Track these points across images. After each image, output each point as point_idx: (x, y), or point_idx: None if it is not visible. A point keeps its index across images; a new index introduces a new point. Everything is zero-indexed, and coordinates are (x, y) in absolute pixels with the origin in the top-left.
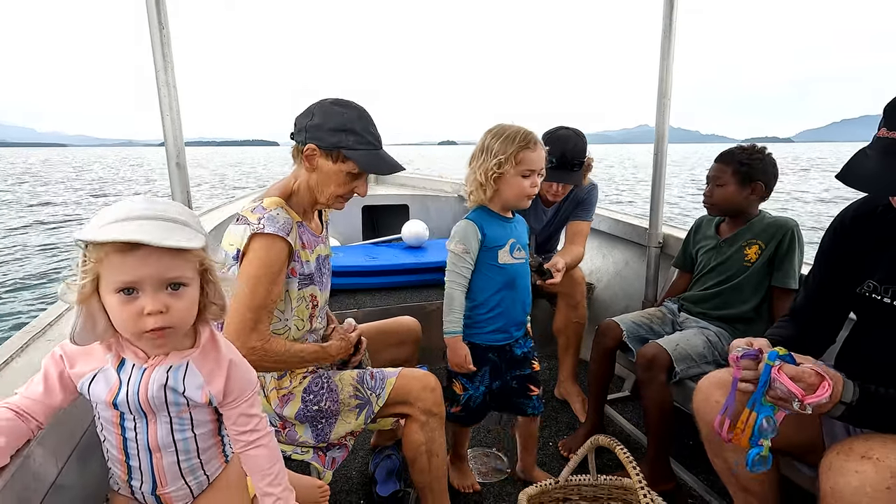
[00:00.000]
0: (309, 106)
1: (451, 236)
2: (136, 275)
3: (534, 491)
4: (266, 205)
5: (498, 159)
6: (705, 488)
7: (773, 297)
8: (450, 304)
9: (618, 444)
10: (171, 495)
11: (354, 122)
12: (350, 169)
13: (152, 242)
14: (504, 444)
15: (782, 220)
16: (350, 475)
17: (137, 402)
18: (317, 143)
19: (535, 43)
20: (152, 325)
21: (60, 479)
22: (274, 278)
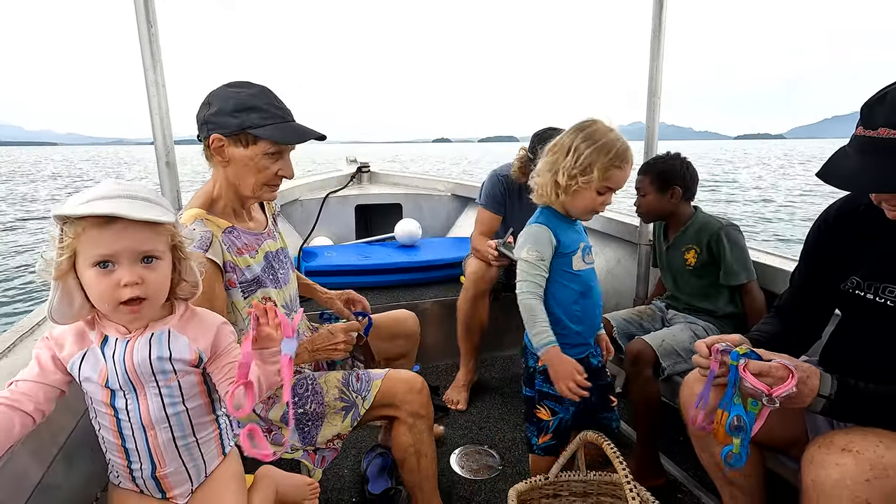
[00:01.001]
0: (205, 97)
1: (521, 243)
2: (113, 248)
3: (523, 487)
4: (182, 221)
5: (583, 166)
6: (695, 483)
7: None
8: (531, 315)
9: (605, 439)
10: (170, 480)
11: (255, 99)
12: (264, 149)
13: (129, 215)
14: None
15: (709, 223)
16: (342, 473)
17: (125, 373)
18: (220, 131)
19: (529, 39)
20: (129, 296)
21: (46, 479)
22: (207, 298)
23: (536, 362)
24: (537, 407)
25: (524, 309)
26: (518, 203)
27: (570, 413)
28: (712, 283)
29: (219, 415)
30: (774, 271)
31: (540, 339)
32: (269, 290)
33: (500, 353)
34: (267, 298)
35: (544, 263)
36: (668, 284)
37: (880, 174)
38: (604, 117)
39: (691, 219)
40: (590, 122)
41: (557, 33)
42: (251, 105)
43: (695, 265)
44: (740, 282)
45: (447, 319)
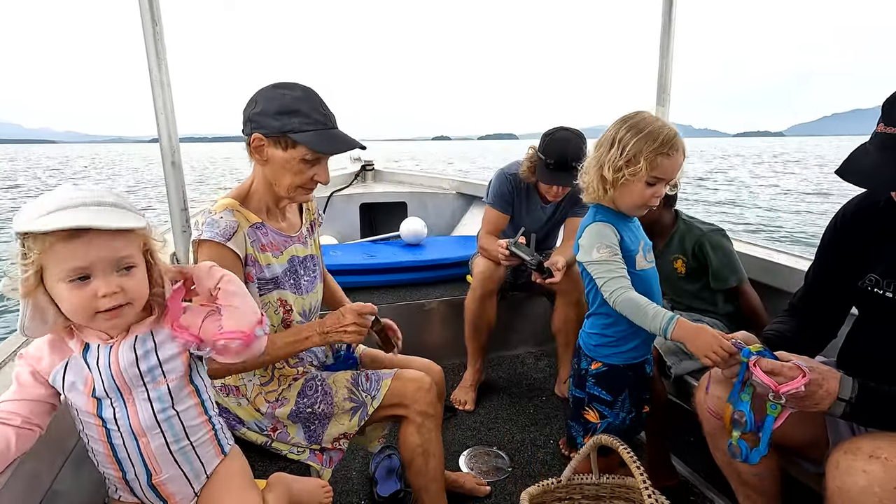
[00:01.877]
0: (252, 95)
1: (586, 246)
2: (87, 259)
3: (536, 490)
4: (213, 209)
5: (628, 157)
6: (707, 484)
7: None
8: (635, 308)
9: (620, 443)
10: (168, 487)
11: (299, 102)
12: (302, 154)
13: (102, 226)
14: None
15: (692, 231)
16: (350, 475)
17: (112, 379)
18: (262, 131)
19: (531, 35)
20: (108, 306)
21: (56, 486)
22: None
23: (589, 364)
24: (586, 408)
25: (623, 305)
26: (526, 202)
27: (621, 420)
28: (705, 286)
29: (211, 415)
30: (787, 270)
31: (658, 321)
32: (287, 294)
33: (507, 353)
34: (283, 301)
35: (619, 257)
36: (663, 289)
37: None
38: (662, 112)
39: (674, 226)
40: (634, 113)
41: (559, 30)
42: (294, 109)
43: (685, 273)
44: (730, 285)
45: (454, 319)
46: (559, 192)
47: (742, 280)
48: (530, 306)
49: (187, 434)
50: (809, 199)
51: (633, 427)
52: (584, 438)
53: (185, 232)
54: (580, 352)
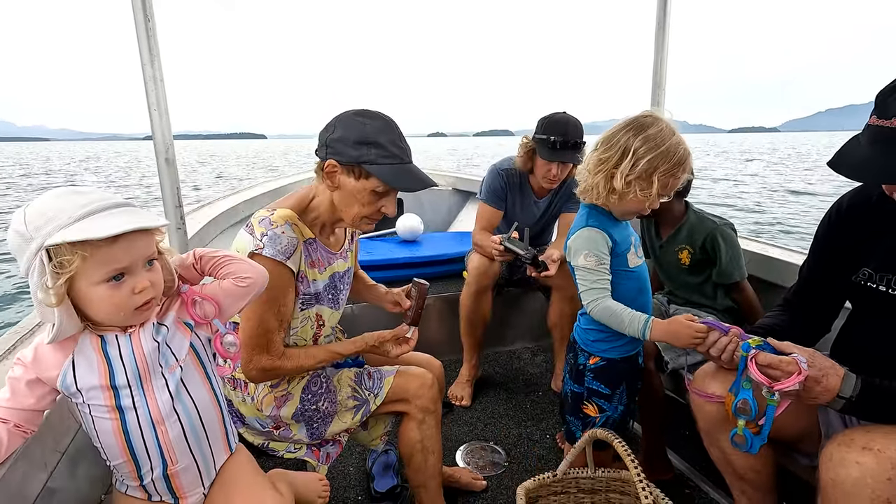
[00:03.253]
0: (331, 119)
1: (574, 250)
2: (128, 260)
3: (532, 484)
4: (274, 218)
5: (640, 173)
6: (702, 478)
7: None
8: (612, 315)
9: (615, 436)
10: (181, 479)
11: (378, 134)
12: (374, 186)
13: (149, 225)
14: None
15: (704, 223)
16: (347, 471)
17: (135, 366)
18: (337, 158)
19: (527, 32)
20: (144, 299)
21: (50, 484)
22: (276, 304)
23: (587, 359)
24: (585, 403)
25: (601, 314)
26: (520, 197)
27: (619, 412)
28: (706, 280)
29: (222, 404)
30: (781, 264)
31: (635, 325)
32: (324, 309)
33: (503, 349)
34: (319, 316)
35: (604, 267)
36: (662, 279)
37: (892, 164)
38: (663, 112)
39: (684, 217)
40: (650, 121)
41: (554, 26)
42: (373, 140)
43: (689, 264)
44: (733, 281)
45: (450, 315)
46: (558, 175)
47: (744, 276)
48: (526, 302)
49: (203, 422)
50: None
51: (627, 419)
52: (583, 433)
53: (180, 229)
54: (575, 347)
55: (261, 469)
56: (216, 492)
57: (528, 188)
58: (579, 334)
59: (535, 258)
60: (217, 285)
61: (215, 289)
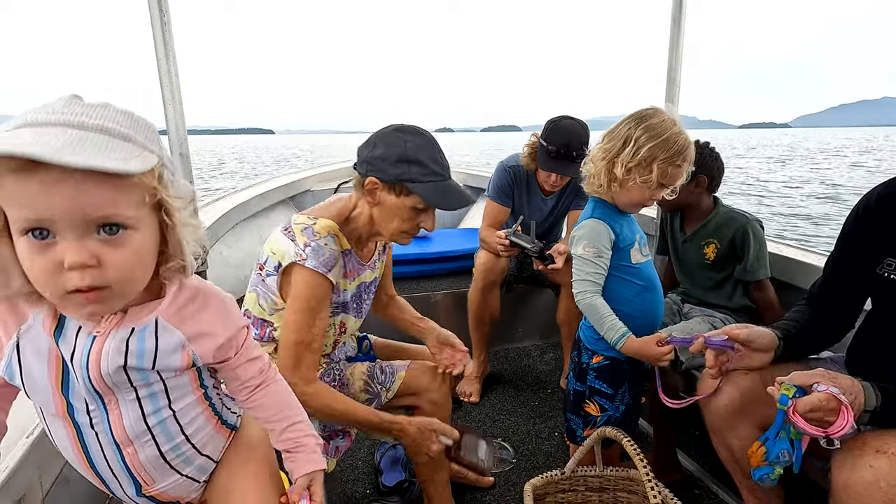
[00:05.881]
0: (371, 135)
1: (577, 238)
2: (44, 209)
3: (539, 481)
4: (317, 228)
5: (640, 161)
6: (711, 478)
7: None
8: (596, 313)
9: (624, 435)
10: (170, 493)
11: (419, 151)
12: (415, 203)
13: (44, 157)
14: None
15: (735, 217)
16: (356, 465)
17: (88, 382)
18: (378, 175)
19: (534, 27)
20: (76, 284)
21: (65, 473)
22: (313, 315)
23: (590, 358)
24: (586, 402)
25: (586, 308)
26: (527, 194)
27: (620, 412)
28: (727, 277)
29: (213, 402)
30: (800, 266)
31: (612, 334)
32: (349, 318)
33: (512, 346)
34: (343, 324)
35: (602, 260)
36: (680, 277)
37: None
38: (664, 107)
39: (713, 212)
40: (651, 112)
41: (563, 21)
42: (415, 158)
43: (713, 260)
44: (758, 278)
45: (459, 311)
46: (557, 182)
47: (768, 274)
48: (536, 299)
49: (187, 437)
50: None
51: (630, 418)
52: (584, 431)
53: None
54: (580, 345)
55: (270, 448)
56: (218, 477)
57: (535, 185)
58: (584, 332)
59: (541, 251)
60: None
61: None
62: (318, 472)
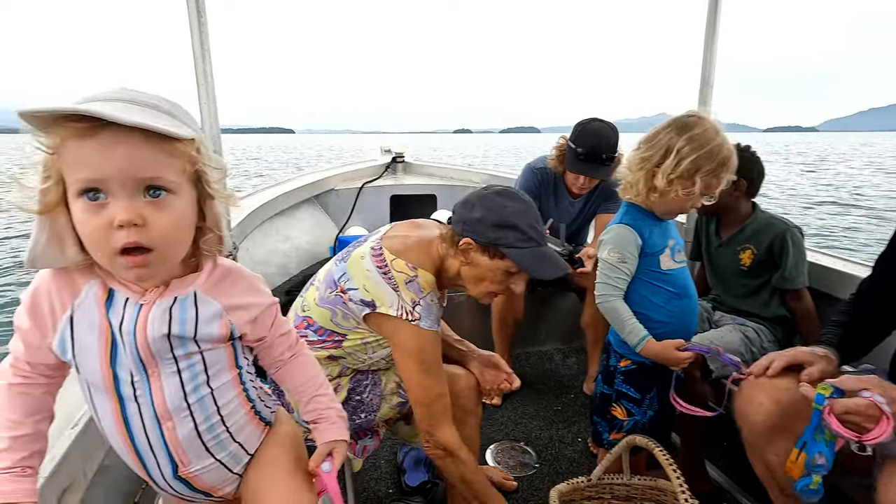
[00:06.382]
0: (469, 195)
1: (603, 242)
2: (99, 168)
3: (565, 488)
4: (423, 284)
5: (683, 172)
6: (740, 490)
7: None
8: (616, 317)
9: (656, 444)
10: (203, 480)
11: (517, 217)
12: (508, 267)
13: (104, 114)
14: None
15: (774, 223)
16: (378, 464)
17: (135, 349)
18: (474, 237)
19: (555, 28)
20: (125, 241)
21: (105, 462)
22: (439, 366)
23: (618, 361)
24: (613, 405)
25: (607, 312)
26: (554, 197)
27: (648, 418)
28: (763, 284)
29: (247, 387)
30: (836, 274)
31: (633, 337)
32: None
33: (534, 349)
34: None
35: (626, 266)
36: (712, 283)
37: None
38: (706, 112)
39: (751, 217)
40: (694, 121)
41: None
42: (512, 224)
43: (750, 266)
44: (797, 287)
45: (482, 313)
46: (586, 185)
47: (806, 283)
48: (559, 302)
49: (222, 417)
50: None
51: (662, 429)
52: (610, 435)
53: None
54: (609, 348)
55: (303, 447)
56: (251, 473)
57: (563, 188)
58: (613, 335)
59: (571, 254)
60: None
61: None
62: (338, 441)
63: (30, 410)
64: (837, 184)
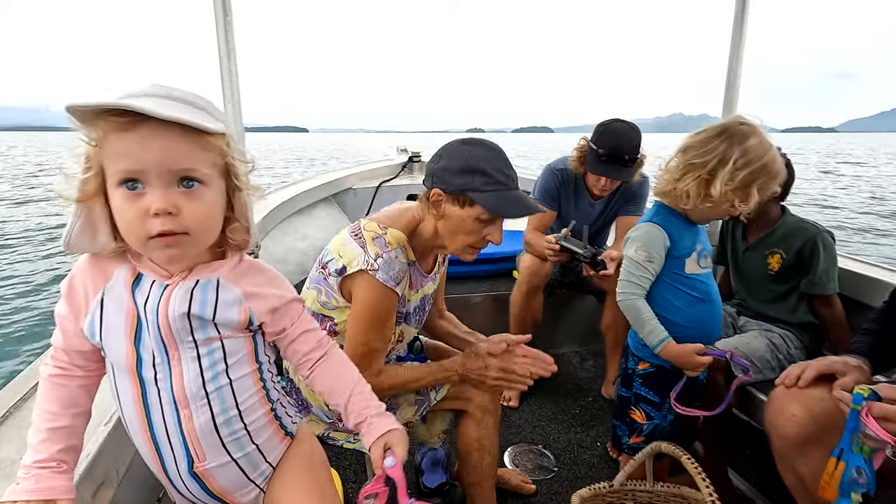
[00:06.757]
0: (439, 148)
1: (630, 240)
2: (138, 160)
3: (587, 493)
4: (389, 239)
5: (738, 185)
6: (764, 499)
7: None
8: (637, 316)
9: (683, 452)
10: (218, 480)
11: (483, 162)
12: (479, 214)
13: (146, 110)
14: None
15: (804, 227)
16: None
17: (157, 328)
18: (442, 187)
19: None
20: (159, 229)
21: (136, 458)
22: (381, 326)
23: (637, 364)
24: (632, 408)
25: (628, 310)
26: (574, 198)
27: (668, 422)
28: (791, 290)
29: (269, 388)
30: (867, 280)
31: (653, 338)
32: (408, 328)
33: (552, 351)
34: (402, 333)
35: (652, 265)
36: (737, 288)
37: None
38: (754, 118)
39: (780, 221)
40: (749, 130)
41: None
42: (478, 168)
43: (778, 270)
44: (827, 293)
45: (499, 314)
46: (607, 186)
47: (836, 289)
48: (577, 305)
49: (241, 413)
50: None
51: (679, 431)
52: (629, 439)
53: None
54: (628, 350)
55: (326, 462)
56: (276, 488)
57: (583, 189)
58: (633, 338)
59: (594, 256)
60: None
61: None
62: (390, 431)
63: (67, 403)
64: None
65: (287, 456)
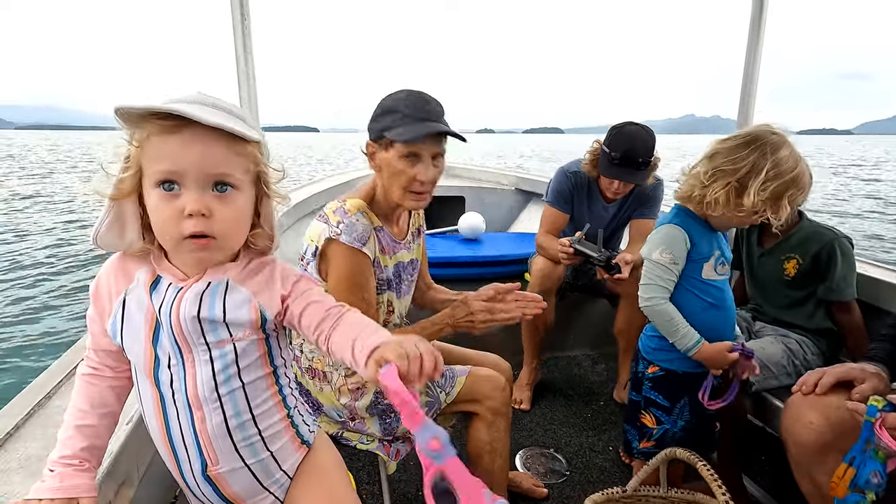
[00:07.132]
0: None
1: (653, 243)
2: (178, 162)
3: (600, 498)
4: (348, 207)
5: (772, 192)
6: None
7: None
8: (667, 321)
9: (699, 458)
10: (231, 486)
11: (398, 102)
12: (400, 152)
13: (198, 117)
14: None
15: (822, 232)
16: (408, 465)
17: (171, 329)
18: (370, 136)
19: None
20: (192, 230)
21: (156, 457)
22: (360, 289)
23: (646, 367)
24: (642, 412)
25: (657, 315)
26: (588, 201)
27: (679, 427)
28: (808, 296)
29: (285, 394)
30: (886, 286)
31: (687, 341)
32: (393, 296)
33: (564, 354)
34: (390, 303)
35: (676, 267)
36: (752, 293)
37: None
38: (778, 125)
39: (797, 226)
40: (780, 141)
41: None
42: (392, 108)
43: (794, 276)
44: (845, 299)
45: None
46: (620, 189)
47: (854, 295)
48: (589, 308)
49: (254, 417)
50: None
51: (691, 437)
52: (639, 443)
53: None
54: (638, 354)
55: (346, 471)
56: (293, 499)
57: (596, 192)
58: (643, 341)
59: (608, 260)
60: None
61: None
62: (376, 349)
63: (96, 402)
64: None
65: (304, 467)
